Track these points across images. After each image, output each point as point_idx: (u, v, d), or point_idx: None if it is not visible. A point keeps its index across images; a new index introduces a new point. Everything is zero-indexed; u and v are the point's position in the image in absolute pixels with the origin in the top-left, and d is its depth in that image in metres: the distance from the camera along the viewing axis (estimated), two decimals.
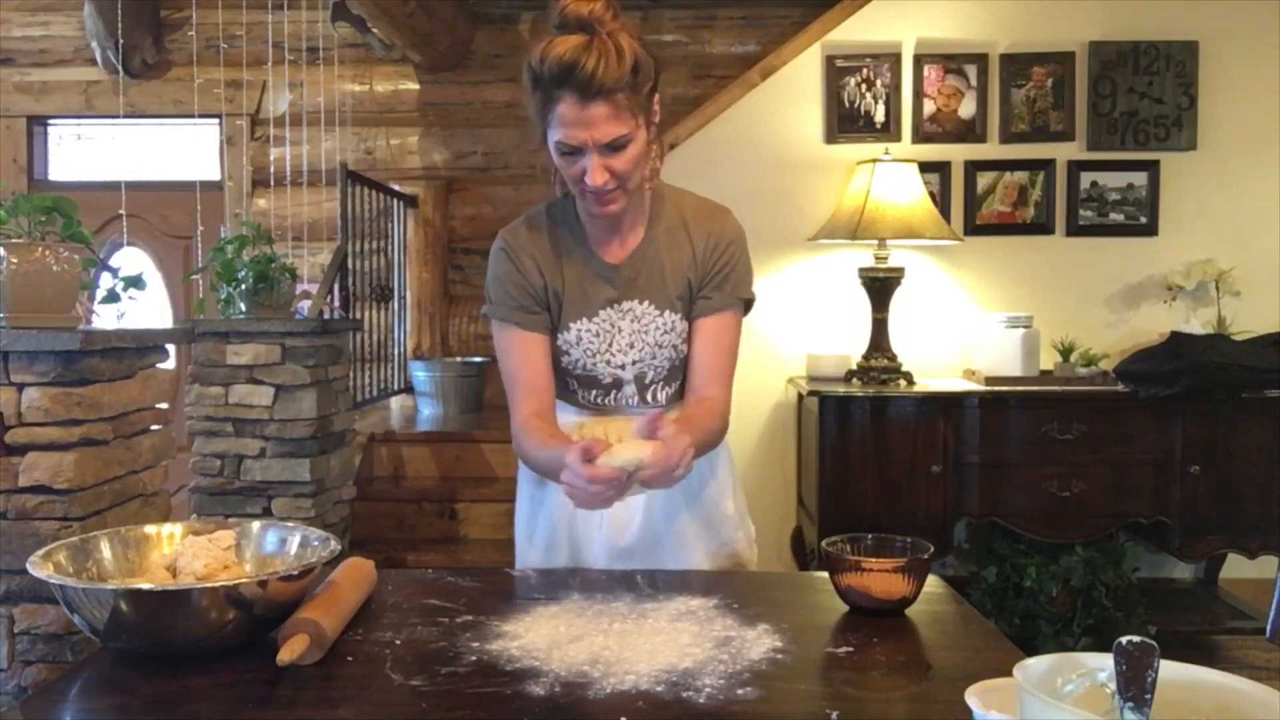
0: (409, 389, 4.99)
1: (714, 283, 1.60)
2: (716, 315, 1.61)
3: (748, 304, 1.66)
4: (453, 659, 1.19)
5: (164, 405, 2.64)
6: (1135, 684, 0.80)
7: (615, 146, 1.42)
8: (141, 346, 2.48)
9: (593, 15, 1.39)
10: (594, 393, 1.65)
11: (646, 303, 1.59)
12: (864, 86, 3.85)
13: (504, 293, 1.58)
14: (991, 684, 0.93)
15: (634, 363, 1.61)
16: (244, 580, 1.18)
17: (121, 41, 4.69)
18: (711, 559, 1.69)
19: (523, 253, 1.58)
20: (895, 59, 3.84)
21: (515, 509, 1.76)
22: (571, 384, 1.65)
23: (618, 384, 1.63)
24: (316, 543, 1.34)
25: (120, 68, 4.92)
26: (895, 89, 3.84)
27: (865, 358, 3.59)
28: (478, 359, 4.98)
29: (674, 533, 1.66)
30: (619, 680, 1.12)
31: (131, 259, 5.14)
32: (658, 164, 1.55)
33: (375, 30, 4.73)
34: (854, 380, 3.55)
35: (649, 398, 1.64)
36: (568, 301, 1.58)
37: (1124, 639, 0.81)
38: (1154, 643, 0.81)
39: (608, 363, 1.61)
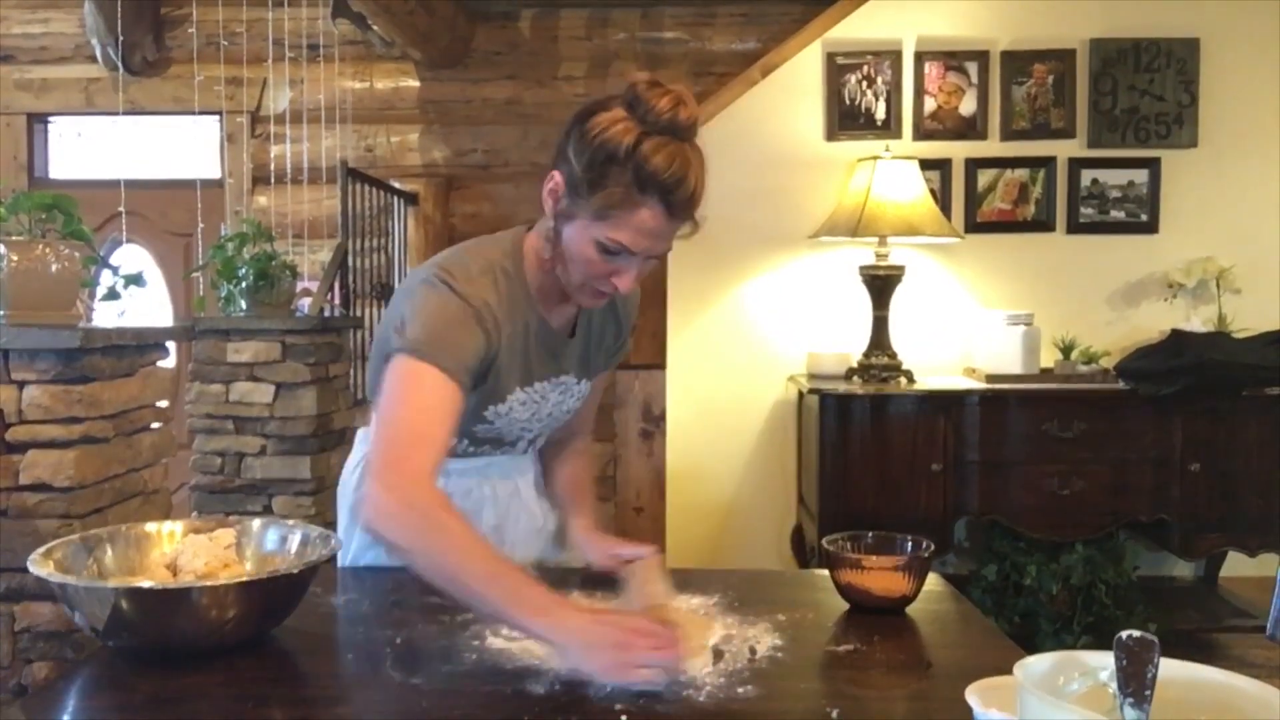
0: None
1: (620, 344, 1.61)
2: (610, 370, 1.63)
3: None
4: (453, 658, 1.19)
5: (164, 403, 2.64)
6: (1135, 680, 0.80)
7: (655, 256, 1.35)
8: (142, 344, 2.48)
9: (690, 123, 1.28)
10: (485, 447, 1.54)
11: (572, 375, 1.53)
12: (865, 84, 3.84)
13: (472, 353, 1.34)
14: (991, 682, 0.93)
15: (543, 427, 1.56)
16: (244, 578, 1.18)
17: (121, 38, 4.68)
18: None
19: (489, 319, 1.36)
20: (896, 56, 3.83)
21: None
22: (459, 441, 1.50)
23: (514, 443, 1.56)
24: (317, 540, 1.34)
25: (120, 65, 4.91)
26: (896, 86, 3.84)
27: (866, 355, 3.59)
28: None
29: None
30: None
31: (132, 256, 5.13)
32: None
33: (375, 27, 4.72)
34: (854, 378, 3.55)
35: (526, 449, 1.61)
36: (509, 373, 1.43)
37: (1124, 633, 0.81)
38: (1154, 638, 0.81)
39: (523, 429, 1.53)
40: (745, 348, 3.87)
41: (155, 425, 2.58)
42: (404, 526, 1.19)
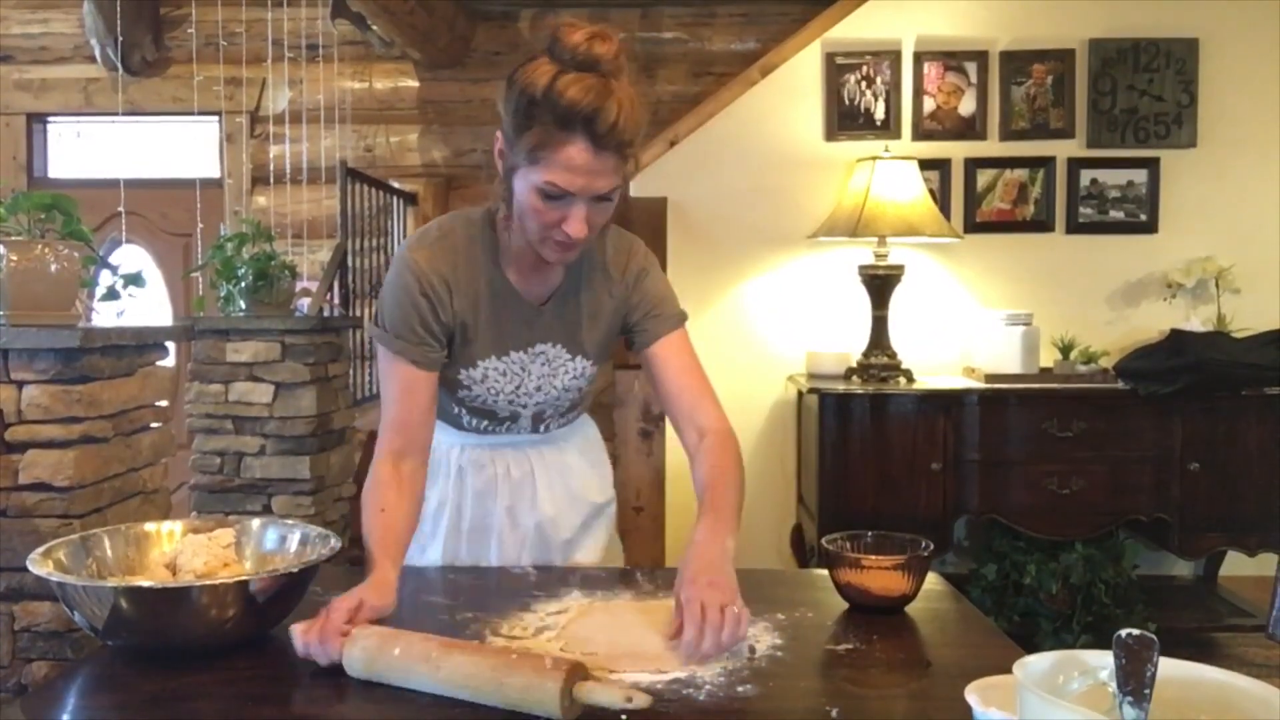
0: None
1: (646, 312, 1.54)
2: (666, 338, 1.54)
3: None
4: None
5: (164, 403, 2.64)
6: (1134, 678, 0.80)
7: (603, 198, 1.33)
8: (141, 344, 2.48)
9: (609, 57, 1.28)
10: (485, 423, 1.58)
11: (559, 346, 1.52)
12: (864, 84, 3.84)
13: (407, 325, 1.43)
14: (991, 681, 0.93)
15: (537, 403, 1.56)
16: (244, 578, 1.18)
17: (121, 39, 4.68)
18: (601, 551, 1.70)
19: (437, 281, 1.43)
20: (895, 56, 3.83)
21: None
22: (459, 411, 1.57)
23: (514, 418, 1.58)
24: (316, 540, 1.34)
25: (119, 65, 4.91)
26: (895, 86, 3.84)
27: (865, 355, 3.59)
28: None
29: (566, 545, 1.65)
30: (619, 677, 1.12)
31: (131, 256, 5.13)
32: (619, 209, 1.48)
33: (375, 27, 4.72)
34: (854, 377, 3.56)
35: (541, 429, 1.61)
36: (479, 338, 1.48)
37: (1124, 632, 0.81)
38: (1154, 637, 0.81)
39: (510, 401, 1.54)
40: (744, 347, 3.87)
41: (154, 425, 2.58)
42: (362, 501, 1.43)
